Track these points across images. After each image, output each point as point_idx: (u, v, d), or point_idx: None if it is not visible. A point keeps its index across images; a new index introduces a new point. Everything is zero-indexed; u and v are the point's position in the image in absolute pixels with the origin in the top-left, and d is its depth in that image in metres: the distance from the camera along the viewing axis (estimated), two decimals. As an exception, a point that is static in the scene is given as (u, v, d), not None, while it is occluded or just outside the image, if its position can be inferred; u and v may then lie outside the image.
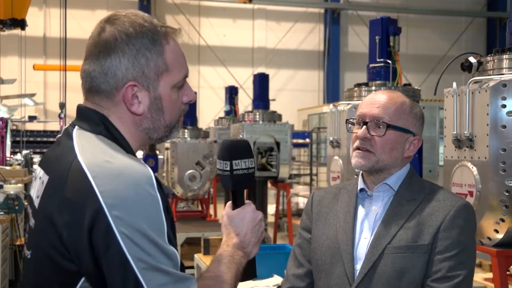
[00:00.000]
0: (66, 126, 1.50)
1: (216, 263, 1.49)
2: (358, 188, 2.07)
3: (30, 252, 1.45)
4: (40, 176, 1.47)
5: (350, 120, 2.08)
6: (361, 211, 2.04)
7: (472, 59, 2.85)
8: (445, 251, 1.87)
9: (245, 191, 1.63)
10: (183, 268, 1.37)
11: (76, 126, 1.45)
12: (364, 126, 2.00)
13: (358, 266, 1.95)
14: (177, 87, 1.49)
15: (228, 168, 1.58)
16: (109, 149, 1.38)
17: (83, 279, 1.32)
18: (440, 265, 1.86)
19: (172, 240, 1.34)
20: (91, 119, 1.44)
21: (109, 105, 1.44)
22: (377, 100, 2.02)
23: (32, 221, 1.46)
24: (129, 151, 1.44)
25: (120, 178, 1.30)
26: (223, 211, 1.65)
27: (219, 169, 1.61)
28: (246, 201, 1.62)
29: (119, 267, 1.27)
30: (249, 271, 1.59)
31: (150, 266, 1.28)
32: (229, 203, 1.63)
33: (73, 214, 1.30)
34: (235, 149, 1.60)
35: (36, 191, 1.47)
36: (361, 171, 2.07)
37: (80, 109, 1.48)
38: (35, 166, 9.87)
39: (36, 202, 1.45)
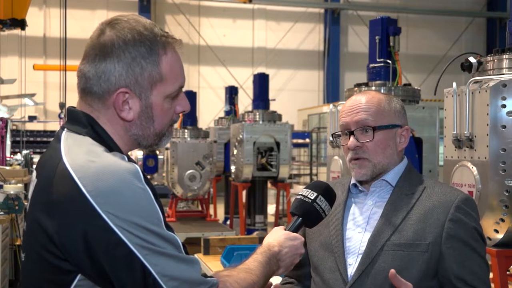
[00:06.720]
0: (58, 130, 1.51)
1: (253, 260, 1.57)
2: (351, 183, 2.06)
3: (25, 255, 1.47)
4: (33, 179, 1.49)
5: (336, 133, 2.06)
6: (353, 205, 2.03)
7: (472, 59, 2.84)
8: (459, 255, 1.86)
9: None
10: (185, 249, 1.41)
11: (65, 129, 1.47)
12: (352, 136, 1.98)
13: (350, 261, 1.93)
14: (170, 97, 1.50)
15: (313, 198, 1.81)
16: (94, 149, 1.39)
17: (79, 276, 1.33)
18: (463, 269, 1.85)
19: (169, 226, 1.38)
20: (79, 120, 1.46)
21: (100, 107, 1.46)
22: (355, 106, 2.00)
23: (24, 224, 1.48)
24: (117, 150, 1.44)
25: (106, 176, 1.32)
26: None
27: (301, 195, 1.83)
28: (298, 235, 1.77)
29: (124, 258, 1.29)
30: None
31: (153, 252, 1.31)
32: (281, 227, 1.80)
33: (63, 216, 1.32)
34: (328, 192, 1.84)
35: (30, 194, 1.49)
36: None
37: (69, 111, 1.51)
38: (35, 166, 9.89)
39: (28, 205, 1.47)
